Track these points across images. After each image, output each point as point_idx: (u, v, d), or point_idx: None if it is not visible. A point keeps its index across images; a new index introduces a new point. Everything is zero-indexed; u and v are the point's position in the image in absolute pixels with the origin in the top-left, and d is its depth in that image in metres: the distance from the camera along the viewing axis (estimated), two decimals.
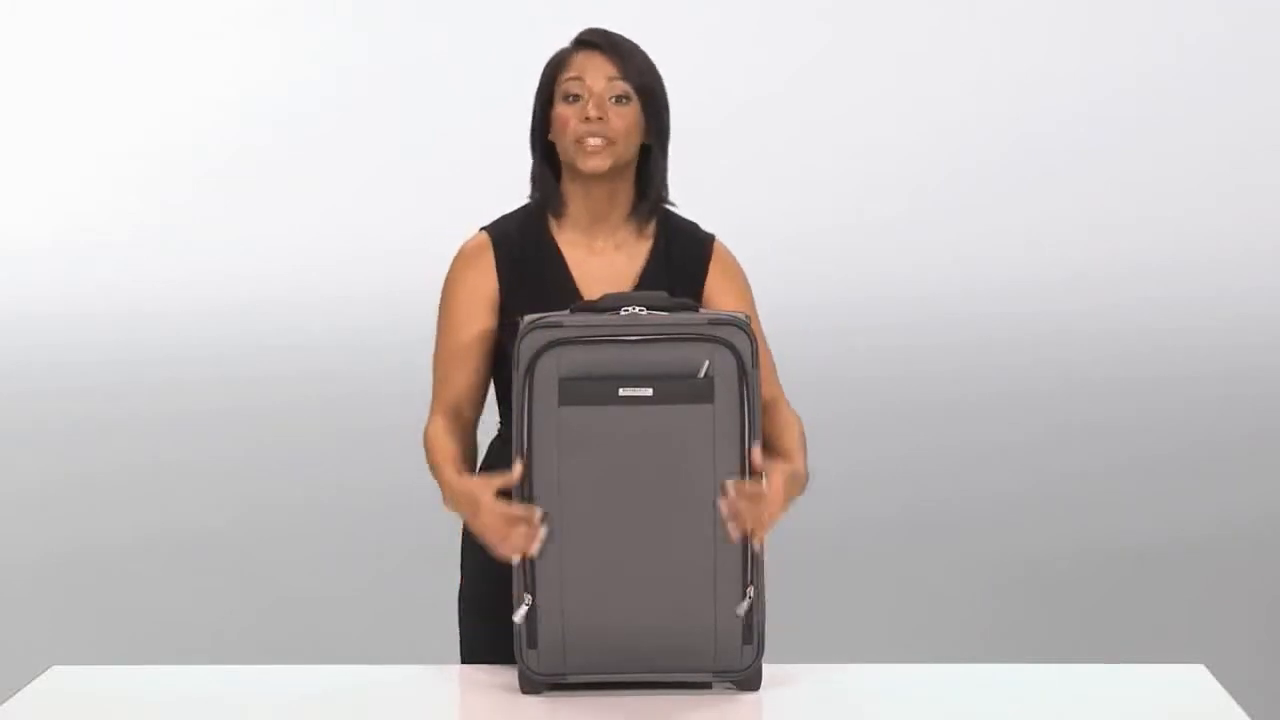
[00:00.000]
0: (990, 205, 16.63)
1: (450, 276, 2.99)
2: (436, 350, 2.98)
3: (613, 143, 2.90)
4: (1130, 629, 6.11)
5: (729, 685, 2.74)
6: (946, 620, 6.26)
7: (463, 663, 2.99)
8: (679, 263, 2.99)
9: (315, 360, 12.10)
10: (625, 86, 2.91)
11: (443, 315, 2.98)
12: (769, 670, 2.74)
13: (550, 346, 2.65)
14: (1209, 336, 12.68)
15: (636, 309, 2.68)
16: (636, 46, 2.96)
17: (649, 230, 3.00)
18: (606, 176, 2.93)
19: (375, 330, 13.09)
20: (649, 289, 2.93)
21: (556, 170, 2.98)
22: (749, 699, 2.71)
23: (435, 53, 17.70)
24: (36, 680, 2.83)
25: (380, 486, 8.22)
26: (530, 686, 2.72)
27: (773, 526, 2.70)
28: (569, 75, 2.92)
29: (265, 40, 17.81)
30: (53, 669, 2.89)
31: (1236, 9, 17.60)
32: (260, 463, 8.93)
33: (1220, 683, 2.80)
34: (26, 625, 6.29)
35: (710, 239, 3.04)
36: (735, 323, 2.67)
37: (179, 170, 17.11)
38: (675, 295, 2.80)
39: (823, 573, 6.71)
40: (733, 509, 2.64)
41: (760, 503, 2.66)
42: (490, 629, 2.91)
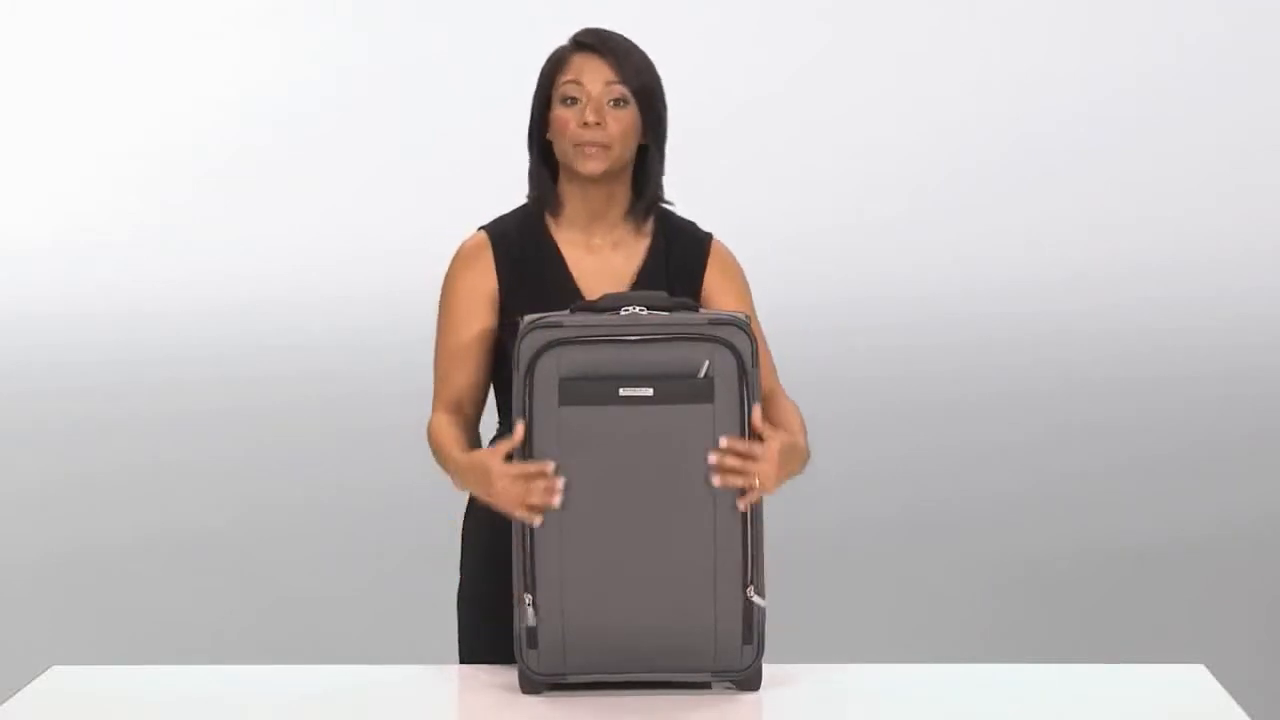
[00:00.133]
0: (990, 205, 16.63)
1: (449, 276, 2.99)
2: (437, 350, 2.98)
3: (609, 147, 2.90)
4: (1130, 629, 6.11)
5: (729, 685, 2.74)
6: (946, 620, 6.26)
7: (462, 662, 2.99)
8: (677, 261, 2.99)
9: (315, 360, 12.10)
10: (623, 90, 2.91)
11: (443, 314, 2.98)
12: (769, 670, 2.74)
13: (550, 346, 2.65)
14: (1209, 336, 12.68)
15: (636, 309, 2.68)
16: (634, 46, 2.96)
17: (647, 229, 3.00)
18: (603, 178, 2.93)
19: (375, 330, 13.09)
20: (647, 287, 2.93)
21: (554, 169, 2.99)
22: (749, 699, 2.71)
23: (435, 53, 17.70)
24: (36, 680, 2.83)
25: (380, 486, 8.22)
26: (530, 686, 2.72)
27: (765, 490, 2.66)
28: (567, 78, 2.92)
29: (265, 40, 17.81)
30: (53, 669, 2.89)
31: (1236, 9, 17.60)
32: (260, 463, 8.93)
33: (1220, 683, 2.80)
34: (26, 625, 6.29)
35: (708, 237, 3.04)
36: (735, 323, 2.67)
37: (179, 170, 17.11)
38: (674, 294, 2.81)
39: (823, 573, 6.71)
40: (722, 463, 2.64)
41: (753, 462, 2.65)
42: (490, 629, 2.91)
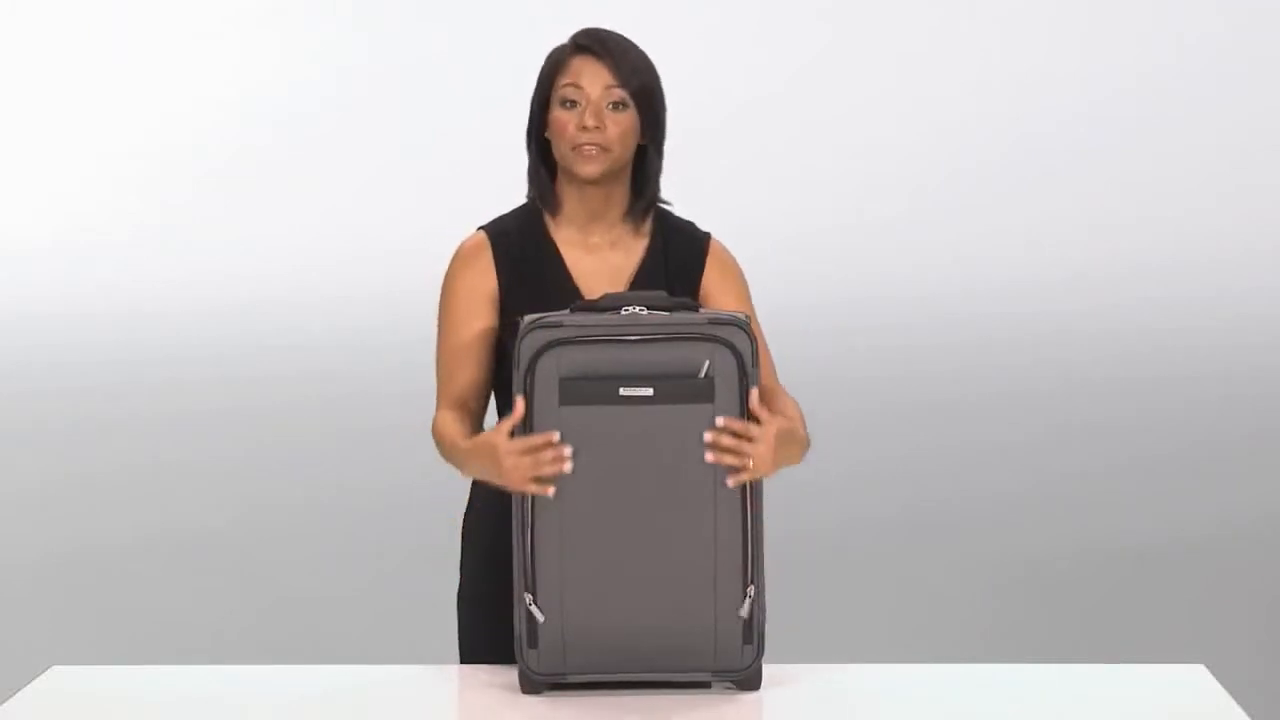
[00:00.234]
0: (990, 205, 16.63)
1: (449, 275, 2.99)
2: (439, 349, 2.98)
3: (608, 150, 2.90)
4: (1130, 629, 6.11)
5: (729, 685, 2.74)
6: (946, 620, 6.26)
7: (462, 662, 2.99)
8: (675, 259, 3.00)
9: (315, 360, 12.09)
10: (622, 93, 2.91)
11: (443, 314, 2.98)
12: (769, 670, 2.74)
13: (550, 346, 2.65)
14: (1209, 336, 12.68)
15: (636, 309, 2.67)
16: (633, 47, 2.95)
17: (645, 228, 3.01)
18: (602, 179, 2.93)
19: (375, 330, 13.09)
20: (646, 286, 2.94)
21: (552, 168, 2.99)
22: (749, 699, 2.71)
23: (435, 53, 17.69)
24: (36, 680, 2.83)
25: (380, 486, 8.22)
26: (530, 686, 2.72)
27: (759, 472, 2.65)
28: (566, 80, 2.92)
29: (265, 40, 17.81)
30: (53, 669, 2.89)
31: (1236, 9, 17.60)
32: (260, 463, 8.93)
33: (1220, 683, 2.80)
34: (26, 625, 6.29)
35: (706, 236, 3.04)
36: (735, 322, 2.67)
37: (179, 170, 17.10)
38: (673, 292, 2.81)
39: (823, 573, 6.71)
40: (718, 441, 2.64)
41: (749, 443, 2.64)
42: (490, 629, 2.91)
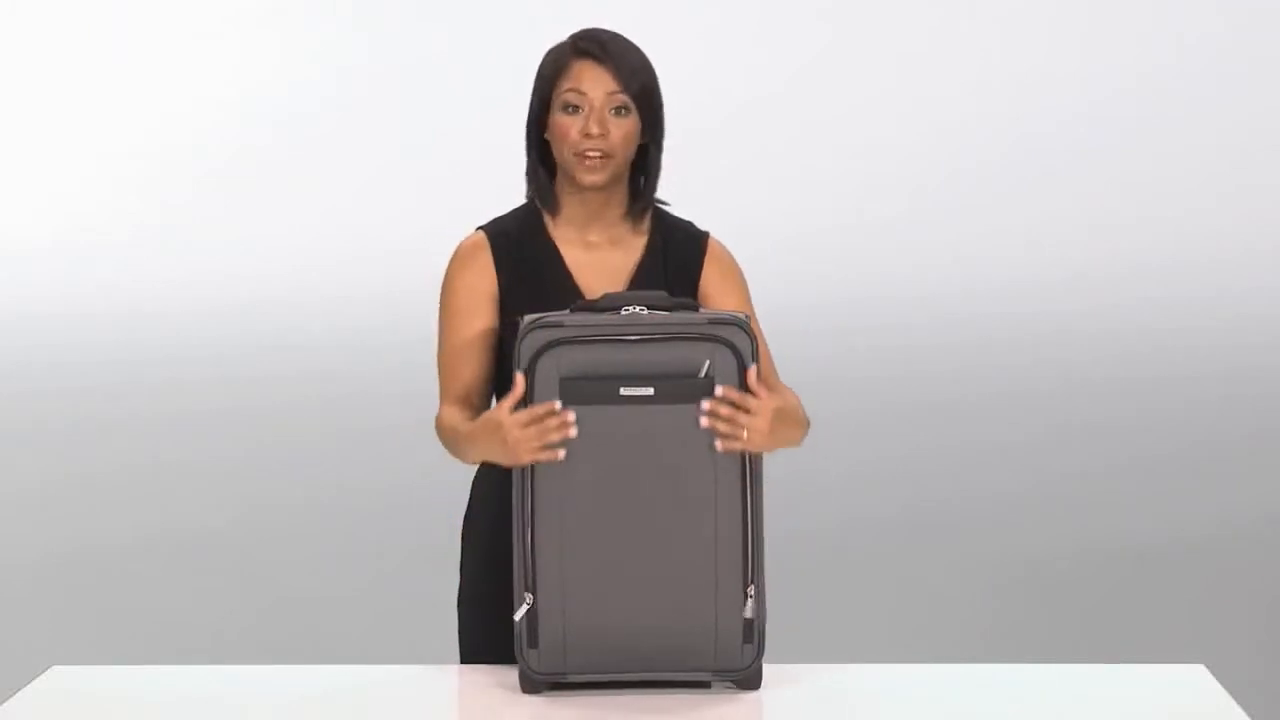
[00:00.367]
0: (990, 205, 16.63)
1: (449, 274, 2.99)
2: (440, 348, 2.98)
3: (612, 157, 2.91)
4: (1130, 629, 6.11)
5: (729, 685, 2.74)
6: (946, 620, 6.26)
7: (462, 662, 2.99)
8: (674, 258, 3.00)
9: (315, 360, 12.09)
10: (624, 98, 2.91)
11: (444, 314, 2.98)
12: (769, 670, 2.74)
13: (551, 346, 2.65)
14: (1209, 336, 12.67)
15: (637, 308, 2.68)
16: (632, 48, 2.95)
17: (644, 226, 3.01)
18: (604, 183, 2.94)
19: (375, 330, 13.09)
20: (645, 284, 2.94)
21: (551, 168, 2.99)
22: (749, 699, 2.71)
23: (435, 53, 17.69)
24: (36, 680, 2.83)
25: (380, 486, 8.22)
26: (531, 686, 2.72)
27: (753, 444, 2.65)
28: (568, 85, 2.92)
29: (265, 40, 17.81)
30: (53, 669, 2.89)
31: (1236, 9, 17.59)
32: (260, 463, 8.92)
33: (1220, 683, 2.80)
34: (26, 625, 6.29)
35: (705, 235, 3.05)
36: (735, 322, 2.67)
37: (179, 170, 17.10)
38: (672, 291, 2.81)
39: (823, 573, 6.71)
40: (715, 410, 2.64)
41: (746, 414, 2.64)
42: (490, 628, 2.91)
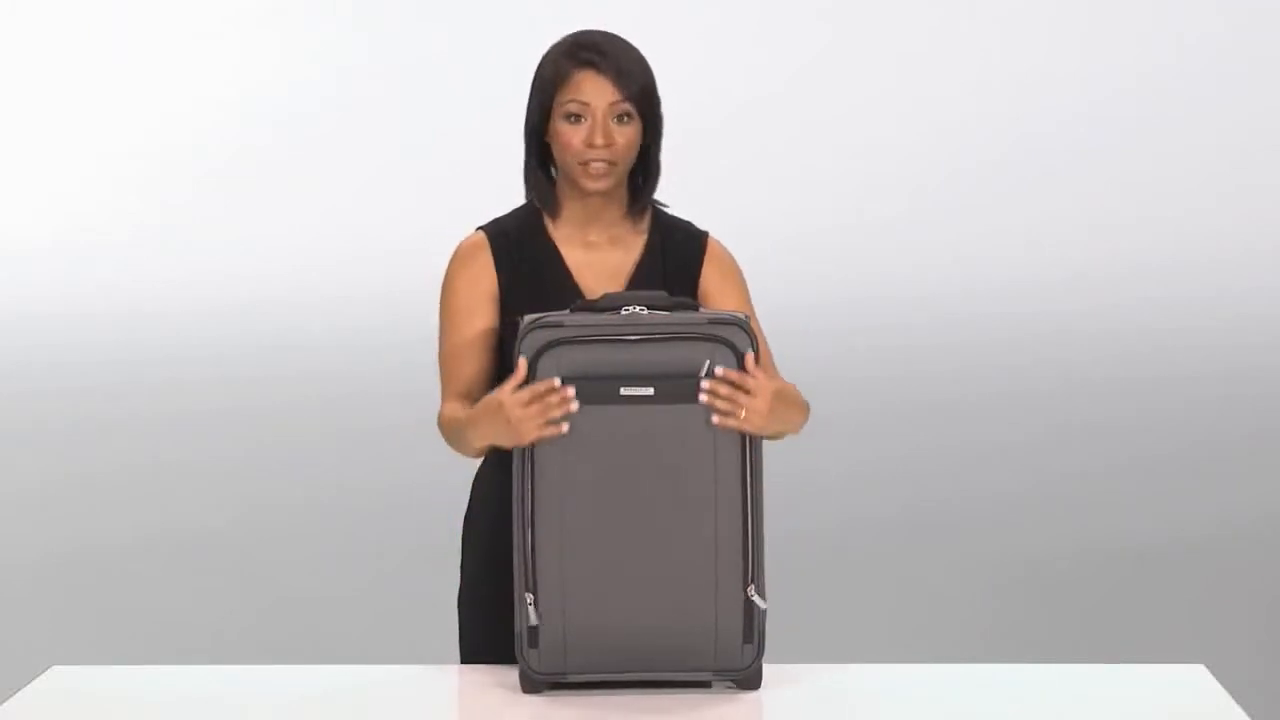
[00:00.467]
0: (990, 205, 16.62)
1: (449, 274, 3.00)
2: (441, 348, 2.98)
3: (616, 165, 2.92)
4: (1130, 629, 6.11)
5: (729, 685, 2.74)
6: (946, 620, 6.26)
7: (463, 662, 2.99)
8: (674, 257, 3.01)
9: (315, 360, 12.09)
10: (627, 106, 2.92)
11: (445, 313, 2.98)
12: (769, 670, 2.74)
13: (551, 346, 2.65)
14: (1209, 336, 12.67)
15: (637, 308, 2.68)
16: (630, 51, 2.95)
17: (643, 225, 3.02)
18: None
19: (375, 330, 13.08)
20: (644, 283, 2.95)
21: (550, 168, 3.00)
22: (749, 699, 2.71)
23: (435, 53, 17.69)
24: (36, 680, 2.83)
25: (380, 486, 8.22)
26: (531, 686, 2.72)
27: (751, 425, 2.65)
28: (569, 95, 2.91)
29: (265, 40, 17.80)
30: (53, 669, 2.89)
31: (1236, 9, 17.59)
32: (260, 463, 8.92)
33: (1220, 683, 2.80)
34: (26, 625, 6.29)
35: (704, 235, 3.06)
36: (735, 322, 2.68)
37: (179, 170, 17.10)
38: (671, 290, 2.82)
39: (823, 573, 6.71)
40: (715, 389, 2.64)
41: (745, 395, 2.65)
42: (491, 628, 2.91)
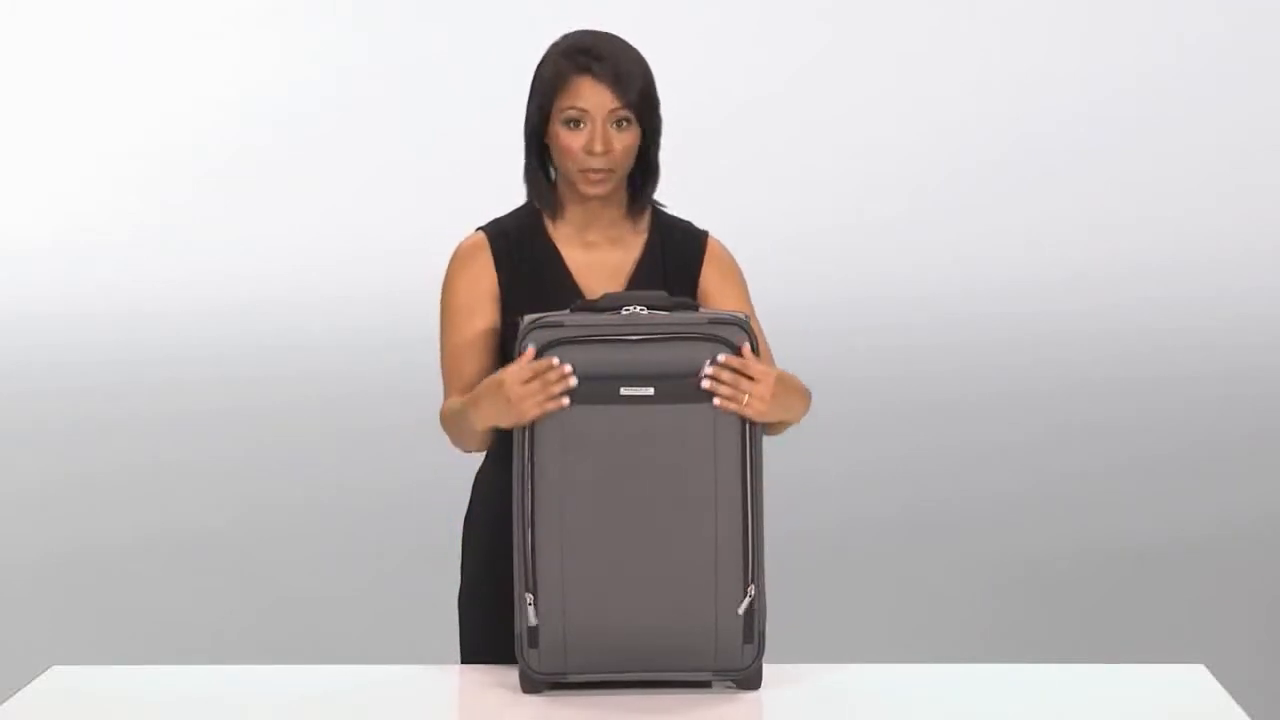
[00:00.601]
0: (990, 205, 16.62)
1: (449, 275, 3.00)
2: (442, 349, 2.98)
3: (615, 171, 2.93)
4: (1130, 629, 6.11)
5: (729, 685, 2.74)
6: (946, 620, 6.26)
7: (463, 662, 2.99)
8: (674, 257, 3.01)
9: (315, 360, 12.09)
10: (625, 112, 2.92)
11: (445, 313, 2.98)
12: (769, 670, 2.74)
13: (551, 346, 2.65)
14: (1209, 336, 12.67)
15: (637, 308, 2.68)
16: (628, 53, 2.94)
17: (642, 225, 3.02)
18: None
19: (375, 330, 13.08)
20: (644, 283, 2.95)
21: (550, 168, 3.00)
22: (749, 698, 2.72)
23: (435, 53, 17.69)
24: (36, 680, 2.83)
25: (380, 486, 8.22)
26: (531, 686, 2.72)
27: (753, 410, 2.65)
28: (568, 101, 2.91)
29: (265, 40, 17.81)
30: (53, 669, 2.89)
31: (1236, 9, 17.59)
32: (260, 463, 8.92)
33: (1220, 683, 2.80)
34: (26, 625, 6.29)
35: (704, 234, 3.06)
36: (736, 322, 2.68)
37: (179, 170, 17.10)
38: (671, 290, 2.82)
39: (823, 573, 6.71)
40: (718, 375, 2.65)
41: (747, 380, 2.65)
42: (491, 628, 2.91)
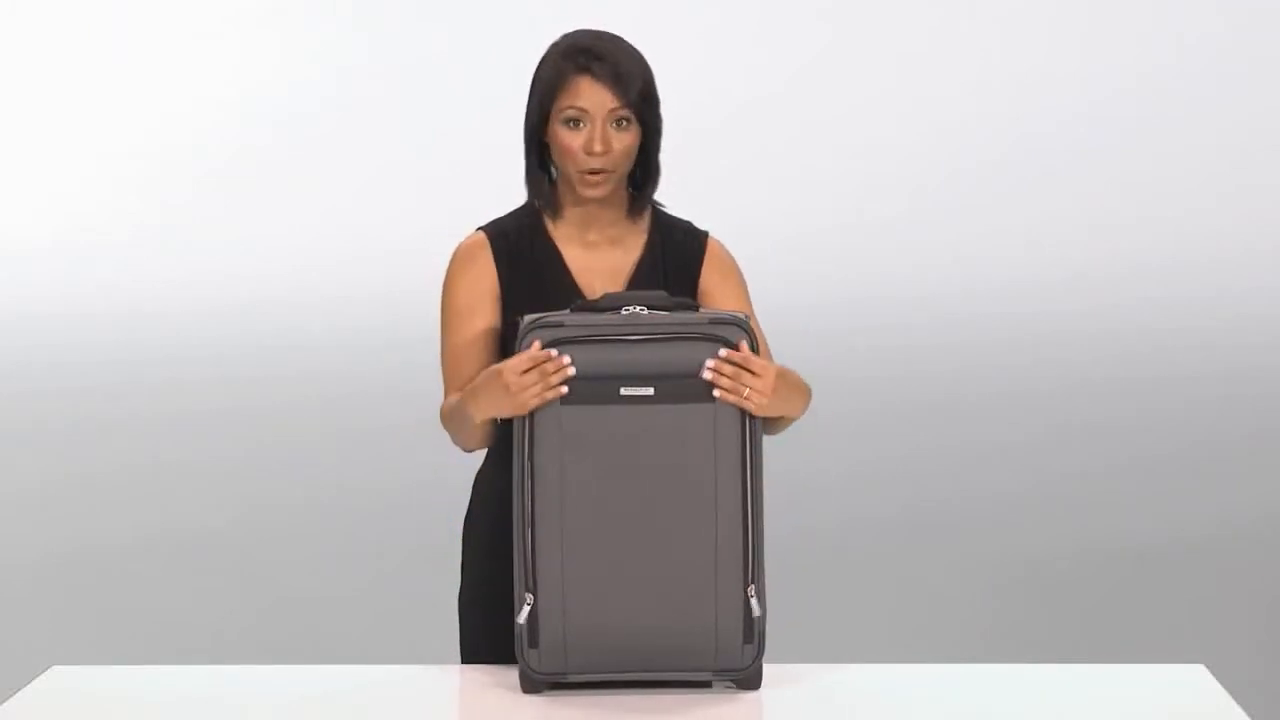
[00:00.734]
0: (990, 205, 16.62)
1: (449, 275, 3.00)
2: (443, 349, 2.98)
3: (614, 171, 2.92)
4: (1130, 629, 6.11)
5: (729, 685, 2.74)
6: (946, 620, 6.26)
7: (463, 662, 2.99)
8: (674, 257, 3.01)
9: (315, 360, 12.09)
10: (625, 111, 2.92)
11: (446, 313, 2.98)
12: (769, 670, 2.74)
13: (551, 346, 2.65)
14: (1209, 336, 12.67)
15: (637, 308, 2.68)
16: (628, 53, 2.94)
17: (643, 225, 3.02)
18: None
19: (375, 330, 13.08)
20: (644, 282, 2.95)
21: (550, 168, 3.00)
22: (749, 698, 2.72)
23: (435, 53, 17.68)
24: (36, 680, 2.83)
25: (380, 486, 8.22)
26: (531, 686, 2.72)
27: (754, 404, 2.65)
28: (568, 101, 2.91)
29: (265, 40, 17.80)
30: (53, 669, 2.89)
31: (1236, 9, 17.59)
32: (260, 463, 8.92)
33: (1220, 683, 2.80)
34: (26, 625, 6.29)
35: (704, 234, 3.06)
36: (736, 322, 2.68)
37: (179, 170, 17.09)
38: (671, 290, 2.82)
39: (823, 573, 6.71)
40: (719, 368, 2.65)
41: (749, 375, 2.65)
42: (491, 628, 2.91)
